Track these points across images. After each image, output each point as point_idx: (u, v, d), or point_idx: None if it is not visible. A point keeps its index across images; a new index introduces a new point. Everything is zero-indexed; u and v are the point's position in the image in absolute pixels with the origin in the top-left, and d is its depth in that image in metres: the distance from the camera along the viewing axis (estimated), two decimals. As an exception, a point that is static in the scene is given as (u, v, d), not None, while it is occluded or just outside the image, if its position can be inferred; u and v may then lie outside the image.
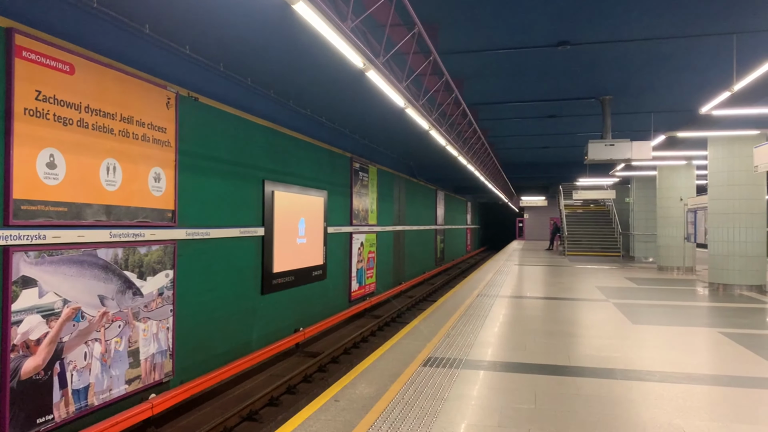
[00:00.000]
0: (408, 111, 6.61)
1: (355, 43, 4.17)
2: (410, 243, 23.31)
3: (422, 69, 6.53)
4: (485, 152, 15.13)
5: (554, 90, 10.48)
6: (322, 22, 3.68)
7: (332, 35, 3.93)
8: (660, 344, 6.51)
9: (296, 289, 12.17)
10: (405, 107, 6.45)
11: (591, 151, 10.64)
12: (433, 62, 6.60)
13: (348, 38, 4.04)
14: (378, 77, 5.13)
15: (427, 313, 8.55)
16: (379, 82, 5.32)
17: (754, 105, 9.02)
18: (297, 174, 12.29)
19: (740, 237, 11.61)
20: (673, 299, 10.62)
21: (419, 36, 5.60)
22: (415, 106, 6.51)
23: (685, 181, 16.56)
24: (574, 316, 8.45)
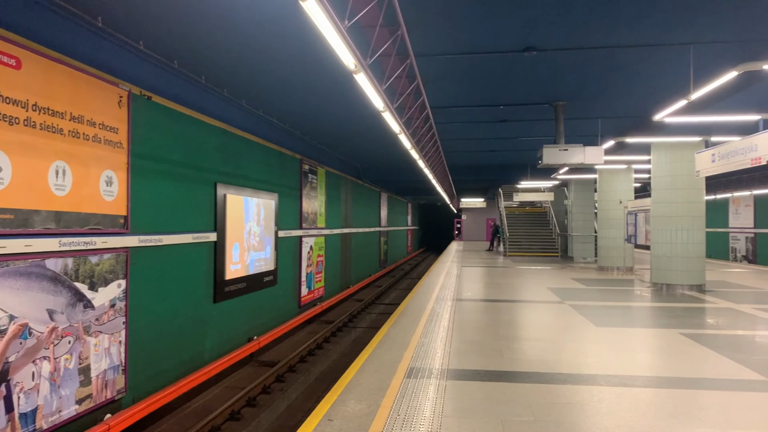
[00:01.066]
0: (384, 115, 6.44)
1: (349, 44, 3.97)
2: (357, 245, 23.13)
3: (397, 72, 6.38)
4: (438, 155, 15.17)
5: (512, 95, 10.58)
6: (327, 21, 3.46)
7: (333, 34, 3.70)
8: (632, 348, 6.63)
9: (248, 296, 11.75)
10: (382, 111, 6.28)
11: (545, 156, 10.81)
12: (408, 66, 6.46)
13: (344, 38, 3.83)
14: (365, 80, 4.94)
15: (393, 319, 8.41)
16: (366, 85, 5.13)
17: (702, 113, 9.41)
18: (249, 176, 11.87)
19: (682, 239, 12.13)
20: (625, 300, 10.95)
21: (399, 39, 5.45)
22: (390, 109, 6.35)
23: (625, 184, 17.20)
24: (539, 320, 8.52)
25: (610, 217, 17.33)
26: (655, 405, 4.45)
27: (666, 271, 12.31)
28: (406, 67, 6.39)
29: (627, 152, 14.28)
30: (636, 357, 6.15)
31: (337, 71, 6.90)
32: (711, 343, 6.79)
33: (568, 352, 6.36)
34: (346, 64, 4.43)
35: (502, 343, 6.72)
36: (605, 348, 6.56)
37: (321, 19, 3.45)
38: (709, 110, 9.42)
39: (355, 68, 4.47)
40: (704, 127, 10.91)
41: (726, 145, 9.78)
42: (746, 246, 28.01)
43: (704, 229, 12.27)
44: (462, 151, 18.76)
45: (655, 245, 12.60)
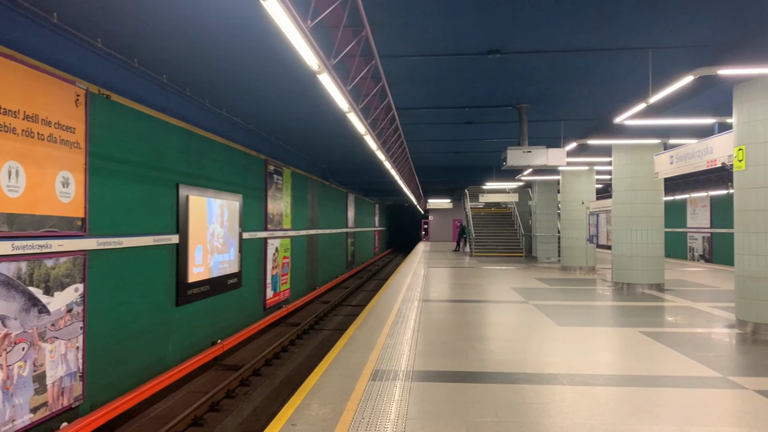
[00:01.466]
0: (349, 115, 6.40)
1: (312, 44, 3.92)
2: (323, 247, 23.01)
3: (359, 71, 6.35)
4: (404, 156, 15.19)
5: (476, 97, 10.67)
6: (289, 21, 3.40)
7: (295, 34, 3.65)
8: (593, 347, 6.75)
9: (212, 299, 11.56)
10: (347, 111, 6.24)
11: (510, 158, 10.93)
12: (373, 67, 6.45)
13: (307, 38, 3.78)
14: (329, 80, 4.89)
15: (359, 321, 8.37)
16: (330, 85, 5.08)
17: (660, 116, 9.64)
18: (212, 177, 11.68)
19: (642, 239, 12.41)
20: (587, 299, 11.15)
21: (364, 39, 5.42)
22: (355, 110, 6.32)
23: (587, 185, 17.53)
24: (504, 320, 8.60)
25: (572, 218, 17.63)
26: (615, 403, 4.52)
27: (627, 271, 12.58)
28: (371, 68, 6.37)
29: (589, 154, 14.55)
30: (597, 356, 6.26)
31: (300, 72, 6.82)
32: (670, 341, 6.95)
33: (532, 351, 6.43)
34: (309, 65, 4.39)
35: (467, 343, 6.75)
36: (568, 347, 6.65)
37: (283, 19, 3.40)
38: (667, 113, 9.66)
39: (318, 68, 4.43)
40: (663, 129, 11.19)
41: (684, 147, 10.05)
42: (703, 245, 28.87)
43: (663, 229, 12.58)
44: (428, 152, 18.84)
45: (616, 245, 12.87)
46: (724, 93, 8.28)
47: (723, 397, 4.73)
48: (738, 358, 6.35)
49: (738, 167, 7.68)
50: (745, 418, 4.25)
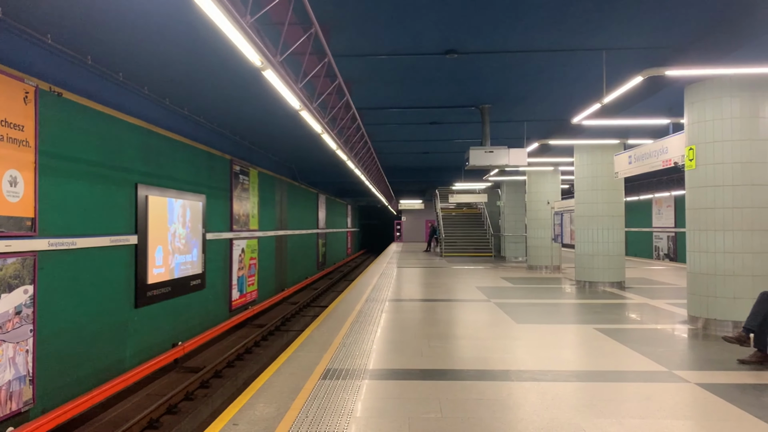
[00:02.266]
0: (302, 113, 6.37)
1: (253, 40, 3.89)
2: (293, 248, 22.89)
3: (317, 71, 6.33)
4: (370, 157, 15.20)
5: (438, 97, 10.73)
6: (223, 15, 3.37)
7: (232, 31, 3.62)
8: (547, 343, 6.82)
9: (173, 301, 11.41)
10: (300, 109, 6.21)
11: (472, 158, 11.01)
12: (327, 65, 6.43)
13: (247, 34, 3.75)
14: (275, 77, 4.86)
15: (319, 321, 8.34)
16: (276, 82, 5.05)
17: (617, 117, 9.82)
18: (174, 177, 11.53)
19: (603, 237, 12.62)
20: (548, 297, 11.29)
21: (315, 37, 5.40)
22: (309, 108, 6.29)
23: (552, 185, 17.77)
24: (463, 318, 8.65)
25: (538, 218, 17.85)
26: (560, 398, 4.58)
27: (588, 269, 12.77)
28: (325, 66, 6.35)
29: (553, 154, 14.74)
30: (550, 352, 6.33)
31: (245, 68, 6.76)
32: (622, 337, 7.07)
33: (487, 349, 6.48)
34: (251, 61, 4.35)
35: (424, 341, 6.78)
36: (521, 344, 6.72)
37: (216, 15, 3.36)
38: (623, 114, 9.84)
39: (261, 65, 4.39)
40: (622, 130, 11.40)
41: (641, 147, 10.25)
42: (668, 245, 29.46)
43: (624, 228, 12.81)
44: (396, 152, 18.89)
45: (579, 244, 13.06)
46: (677, 94, 8.46)
47: (665, 391, 4.82)
48: (685, 352, 6.50)
49: (689, 167, 7.86)
50: (683, 409, 4.34)
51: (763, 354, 5.63)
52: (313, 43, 5.89)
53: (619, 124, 10.56)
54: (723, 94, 7.36)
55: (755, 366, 5.56)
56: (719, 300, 7.42)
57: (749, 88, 7.26)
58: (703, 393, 4.73)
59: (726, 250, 7.36)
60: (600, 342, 6.84)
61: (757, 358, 5.62)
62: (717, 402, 4.51)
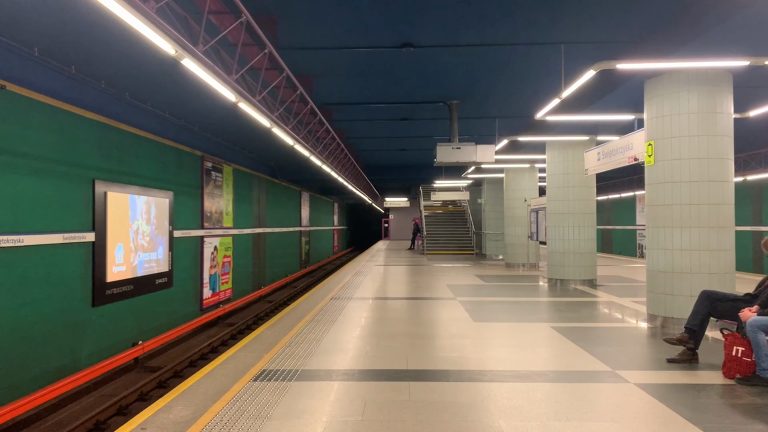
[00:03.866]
0: (241, 105, 6.18)
1: (161, 27, 3.72)
2: (272, 245, 22.69)
3: (257, 62, 6.16)
4: (342, 153, 15.03)
5: (404, 92, 10.58)
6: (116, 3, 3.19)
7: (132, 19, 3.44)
8: (497, 342, 6.69)
9: (136, 299, 11.22)
10: (237, 101, 6.03)
11: (439, 154, 10.88)
12: (272, 56, 6.26)
13: (151, 20, 3.57)
14: (196, 67, 4.68)
15: (275, 320, 8.18)
16: (199, 72, 4.87)
17: (581, 112, 9.70)
18: (137, 173, 11.33)
19: (574, 235, 12.51)
20: (516, 295, 11.17)
21: (253, 27, 5.23)
22: (250, 100, 6.11)
23: (529, 183, 17.65)
24: (422, 316, 8.51)
25: (515, 215, 17.74)
26: (490, 399, 4.45)
27: (560, 267, 12.67)
28: (266, 57, 6.18)
29: (527, 151, 14.62)
30: (497, 352, 6.20)
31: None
32: (576, 336, 6.95)
33: (434, 348, 6.34)
34: (163, 50, 4.17)
35: (373, 341, 6.63)
36: (472, 343, 6.58)
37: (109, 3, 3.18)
38: (589, 110, 9.72)
39: (176, 54, 4.22)
40: (590, 126, 11.28)
41: (609, 144, 10.13)
42: (650, 242, 29.43)
43: (595, 226, 12.71)
44: (373, 150, 18.75)
45: (551, 241, 12.95)
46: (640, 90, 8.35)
47: (601, 391, 4.70)
48: (635, 351, 6.38)
49: (648, 162, 7.74)
50: (611, 411, 4.21)
51: (691, 352, 5.54)
52: (253, 36, 5.72)
53: (585, 120, 10.44)
54: (681, 88, 7.25)
55: (685, 365, 5.47)
56: (677, 298, 7.31)
57: (707, 82, 7.14)
58: (640, 393, 4.60)
59: (683, 248, 7.25)
60: (553, 342, 6.71)
61: (687, 357, 5.53)
62: (651, 402, 4.38)
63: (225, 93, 5.64)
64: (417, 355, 5.96)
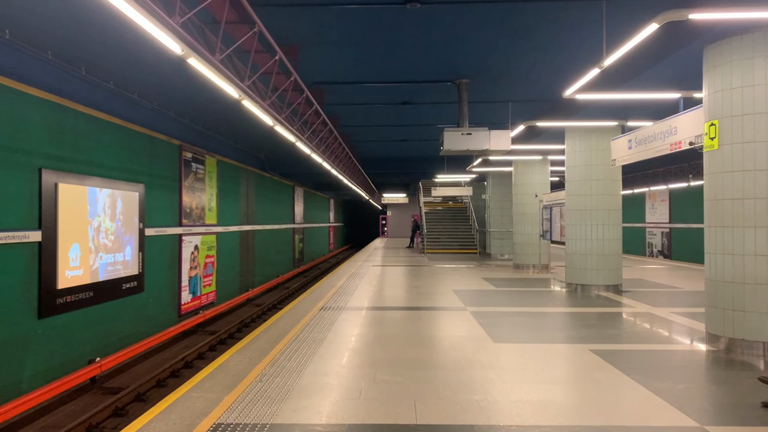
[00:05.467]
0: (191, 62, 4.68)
1: None
2: (262, 244, 21.20)
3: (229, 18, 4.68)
4: (336, 142, 13.53)
5: (406, 69, 9.10)
6: None
7: None
8: (531, 375, 5.23)
9: (98, 308, 9.73)
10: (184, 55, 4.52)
11: (447, 141, 9.42)
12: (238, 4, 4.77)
13: None
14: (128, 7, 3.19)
15: (248, 340, 6.72)
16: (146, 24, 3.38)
17: (618, 89, 8.23)
18: (98, 163, 9.83)
19: (598, 234, 11.07)
20: (535, 304, 9.72)
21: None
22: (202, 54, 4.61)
23: (540, 177, 16.20)
24: (428, 334, 7.06)
25: (525, 212, 16.29)
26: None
27: (581, 270, 11.22)
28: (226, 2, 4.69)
29: (542, 140, 13.16)
30: (534, 391, 4.75)
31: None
32: (626, 364, 5.51)
33: (447, 385, 4.88)
34: None
35: (369, 373, 5.17)
36: (496, 376, 5.13)
37: None
38: (625, 87, 8.26)
39: None
40: (621, 109, 9.81)
41: (644, 129, 8.68)
42: (662, 241, 28.07)
43: (621, 224, 11.27)
44: (371, 140, 17.26)
45: (570, 241, 11.50)
46: (691, 60, 6.89)
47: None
48: (714, 391, 4.92)
49: (709, 147, 6.29)
50: None
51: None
52: None
53: (619, 100, 8.99)
54: (756, 53, 5.79)
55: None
56: (749, 315, 5.86)
57: (790, 46, 5.69)
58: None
59: (758, 252, 5.79)
60: (601, 373, 5.26)
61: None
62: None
63: (172, 46, 4.11)
64: (427, 397, 4.49)
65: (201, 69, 4.76)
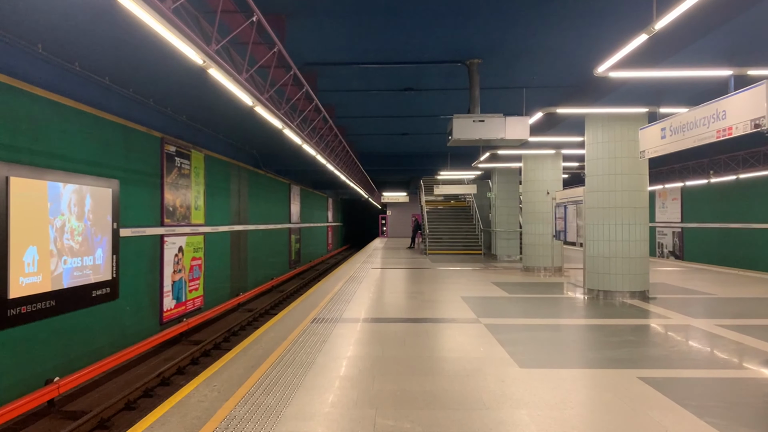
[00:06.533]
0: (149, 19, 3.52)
1: None
2: (255, 245, 20.07)
3: None
4: (332, 133, 12.40)
5: (410, 46, 7.97)
6: None
7: None
8: (575, 417, 4.10)
9: (61, 318, 8.61)
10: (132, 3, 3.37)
11: (456, 129, 8.28)
12: None
13: None
14: None
15: (221, 364, 5.58)
16: None
17: (658, 66, 7.10)
18: (61, 155, 8.71)
19: (622, 235, 9.95)
20: (555, 314, 8.60)
21: None
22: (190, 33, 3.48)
23: (552, 172, 15.06)
24: (438, 356, 5.93)
25: (535, 210, 15.15)
26: None
27: (603, 275, 10.09)
28: None
29: (557, 132, 12.04)
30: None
31: None
32: (689, 398, 4.40)
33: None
34: None
35: (367, 415, 4.05)
36: (529, 418, 4.00)
37: None
38: (665, 63, 7.13)
39: None
40: (653, 93, 8.69)
41: (681, 116, 7.55)
42: (673, 241, 26.94)
43: (648, 224, 10.15)
44: (369, 134, 16.13)
45: (591, 243, 10.37)
46: (747, 31, 5.78)
47: None
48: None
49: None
50: None
51: None
52: None
53: (653, 82, 7.89)
54: None
55: None
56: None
57: None
58: None
59: None
60: (660, 413, 4.14)
61: None
62: None
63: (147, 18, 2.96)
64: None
65: (143, 16, 3.56)
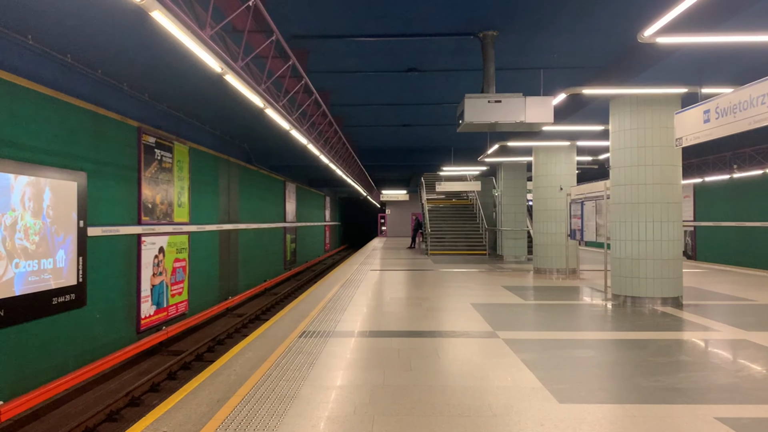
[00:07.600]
0: None
1: None
2: (247, 245, 18.92)
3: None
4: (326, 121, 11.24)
5: (414, 13, 6.81)
6: None
7: None
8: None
9: (12, 331, 7.46)
10: None
11: (468, 111, 7.13)
12: None
13: None
14: None
15: (183, 393, 4.45)
16: None
17: (715, 31, 5.95)
18: (10, 141, 7.55)
19: (653, 234, 8.81)
20: (583, 327, 7.46)
21: None
22: None
23: (566, 166, 13.93)
24: (456, 384, 4.78)
25: (548, 208, 14.01)
26: None
27: (631, 279, 8.96)
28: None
29: (574, 120, 10.88)
30: None
31: None
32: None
33: None
34: None
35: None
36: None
37: None
38: (719, 29, 5.98)
39: None
40: (693, 70, 7.52)
41: (731, 94, 6.44)
42: (686, 240, 25.82)
43: (681, 221, 9.02)
44: (368, 125, 14.96)
45: (617, 243, 9.23)
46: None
47: None
48: None
49: None
50: None
51: None
52: None
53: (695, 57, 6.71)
54: None
55: None
56: None
57: None
58: None
59: None
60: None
61: None
62: None
63: None
64: None
65: None
